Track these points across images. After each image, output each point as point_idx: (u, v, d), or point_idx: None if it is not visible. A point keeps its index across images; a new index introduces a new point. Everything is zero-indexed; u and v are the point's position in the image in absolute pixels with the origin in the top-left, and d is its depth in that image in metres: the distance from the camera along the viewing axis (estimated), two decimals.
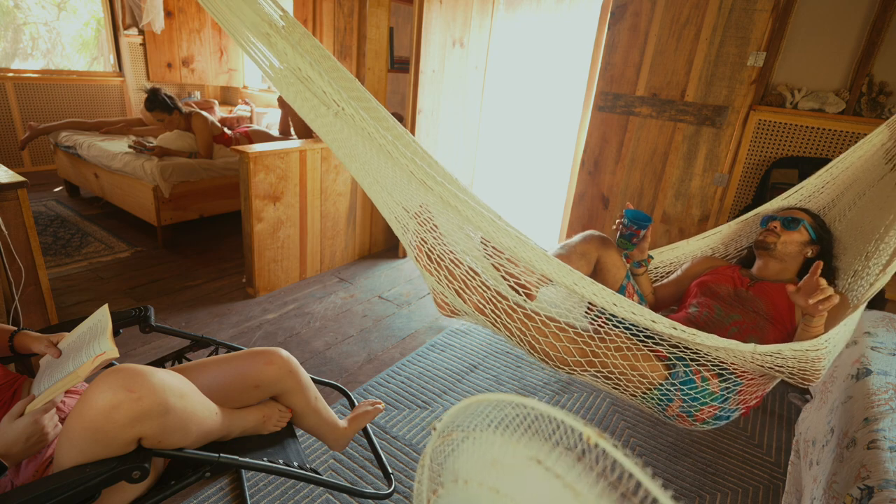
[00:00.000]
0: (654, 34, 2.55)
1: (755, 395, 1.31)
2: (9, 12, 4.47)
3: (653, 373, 1.22)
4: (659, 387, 1.23)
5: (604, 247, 1.55)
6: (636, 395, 1.27)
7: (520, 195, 4.16)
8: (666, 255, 1.80)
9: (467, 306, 1.20)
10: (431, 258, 1.19)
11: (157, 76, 4.77)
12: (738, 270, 1.63)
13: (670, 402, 1.25)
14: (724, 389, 1.24)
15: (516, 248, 1.05)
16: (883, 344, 1.57)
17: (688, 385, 1.23)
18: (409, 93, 3.08)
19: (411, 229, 1.20)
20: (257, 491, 1.52)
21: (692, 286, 1.65)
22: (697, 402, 1.24)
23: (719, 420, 1.29)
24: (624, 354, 1.20)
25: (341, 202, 3.08)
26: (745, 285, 1.56)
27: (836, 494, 1.04)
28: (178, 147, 3.39)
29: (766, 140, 2.39)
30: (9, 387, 1.11)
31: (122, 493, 0.98)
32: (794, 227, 1.55)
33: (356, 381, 2.10)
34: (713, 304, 1.53)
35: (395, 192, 1.16)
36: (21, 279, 1.79)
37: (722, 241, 1.81)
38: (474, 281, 1.17)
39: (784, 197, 1.74)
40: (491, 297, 1.17)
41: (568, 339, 1.19)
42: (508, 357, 2.35)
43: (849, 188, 1.68)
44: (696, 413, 1.25)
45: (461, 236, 1.17)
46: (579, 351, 1.19)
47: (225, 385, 1.20)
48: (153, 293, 2.67)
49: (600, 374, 1.22)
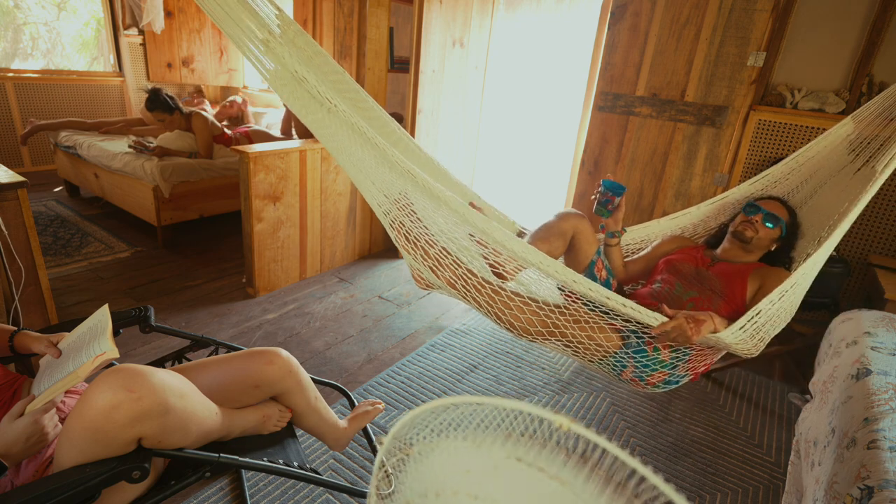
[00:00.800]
0: (654, 34, 2.55)
1: (703, 363, 1.43)
2: (9, 12, 4.47)
3: (608, 343, 1.35)
4: (614, 354, 1.37)
5: (578, 224, 1.66)
6: (593, 361, 1.41)
7: (520, 195, 4.16)
8: (638, 233, 1.91)
9: (440, 281, 1.35)
10: (409, 239, 1.35)
11: (157, 76, 4.77)
12: (703, 250, 1.75)
13: (624, 368, 1.39)
14: (674, 358, 1.37)
15: (487, 229, 1.18)
16: (883, 344, 1.57)
17: (640, 354, 1.36)
18: (409, 93, 3.08)
19: (391, 213, 1.35)
20: (257, 491, 1.52)
21: (660, 263, 1.76)
22: (648, 368, 1.37)
23: (669, 384, 1.42)
24: (581, 326, 1.33)
25: (341, 202, 3.08)
26: (706, 265, 1.68)
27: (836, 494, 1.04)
28: (178, 147, 3.39)
29: (766, 140, 2.39)
30: (9, 387, 1.11)
31: (122, 493, 0.98)
32: (774, 225, 1.65)
33: (356, 381, 2.10)
34: (675, 281, 1.65)
35: (377, 181, 1.30)
36: (21, 279, 1.79)
37: (691, 221, 1.91)
38: (446, 259, 1.33)
39: (752, 182, 1.83)
40: (462, 273, 1.33)
41: (531, 311, 1.33)
42: (508, 357, 2.35)
43: (812, 176, 1.80)
44: (647, 378, 1.39)
45: (437, 220, 1.32)
46: (541, 322, 1.33)
47: (225, 385, 1.20)
48: (153, 293, 2.67)
49: (560, 341, 1.37)
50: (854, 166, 1.70)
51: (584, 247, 1.65)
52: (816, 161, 1.77)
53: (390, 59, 3.30)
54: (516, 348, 2.42)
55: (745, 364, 2.37)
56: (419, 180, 1.17)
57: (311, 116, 1.17)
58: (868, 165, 1.65)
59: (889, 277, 2.06)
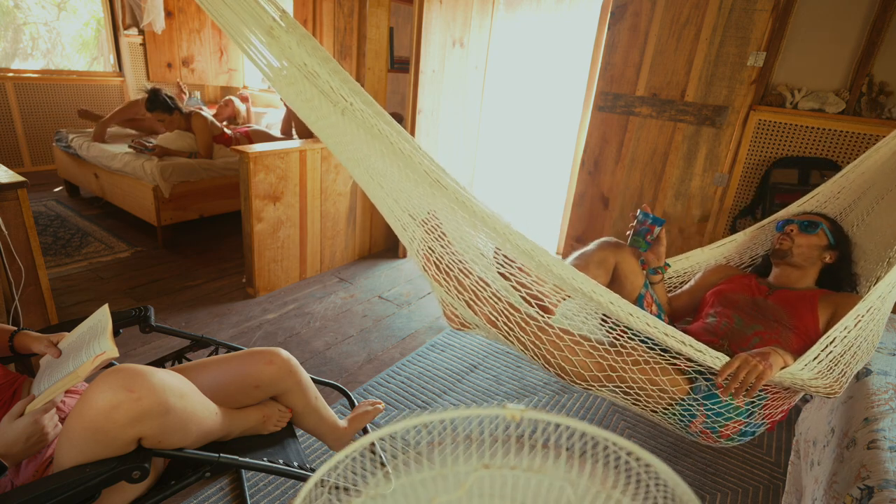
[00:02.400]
0: (654, 34, 2.55)
1: (781, 409, 1.27)
2: (9, 12, 4.47)
3: (673, 387, 1.17)
4: (681, 402, 1.18)
5: (620, 253, 1.50)
6: (657, 411, 1.22)
7: (520, 195, 4.16)
8: (679, 265, 1.76)
9: (478, 318, 1.15)
10: (440, 268, 1.15)
11: (157, 76, 4.77)
12: (755, 279, 1.58)
13: (693, 418, 1.20)
14: (749, 404, 1.20)
15: (531, 252, 1.01)
16: (883, 344, 1.57)
17: (711, 400, 1.17)
18: (409, 93, 3.08)
19: (418, 238, 1.16)
20: (257, 491, 1.52)
21: (707, 296, 1.59)
22: (721, 417, 1.19)
23: (745, 436, 1.24)
24: (642, 368, 1.15)
25: (341, 202, 3.08)
26: (764, 294, 1.50)
27: (836, 494, 1.04)
28: (178, 147, 3.39)
29: (766, 140, 2.39)
30: (9, 387, 1.11)
31: (122, 493, 0.98)
32: (812, 231, 1.50)
33: (356, 381, 2.10)
34: (732, 314, 1.47)
35: (400, 198, 1.12)
36: (21, 279, 1.79)
37: (737, 249, 1.76)
38: (485, 291, 1.13)
39: (799, 203, 1.69)
40: (503, 308, 1.13)
41: (584, 352, 1.14)
42: (508, 357, 2.35)
43: (866, 192, 1.63)
44: (720, 429, 1.20)
45: (471, 244, 1.13)
46: (596, 365, 1.15)
47: (225, 385, 1.20)
48: (153, 293, 2.67)
49: (619, 388, 1.18)
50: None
51: (631, 277, 1.46)
52: (869, 176, 1.60)
53: (390, 59, 3.30)
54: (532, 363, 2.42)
55: None
56: (450, 191, 0.99)
57: (323, 121, 1.03)
58: None
59: None
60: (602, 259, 1.48)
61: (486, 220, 0.99)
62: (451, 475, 0.43)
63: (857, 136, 2.18)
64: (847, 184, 1.63)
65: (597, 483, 0.43)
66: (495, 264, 1.15)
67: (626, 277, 1.47)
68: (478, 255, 1.14)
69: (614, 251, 1.50)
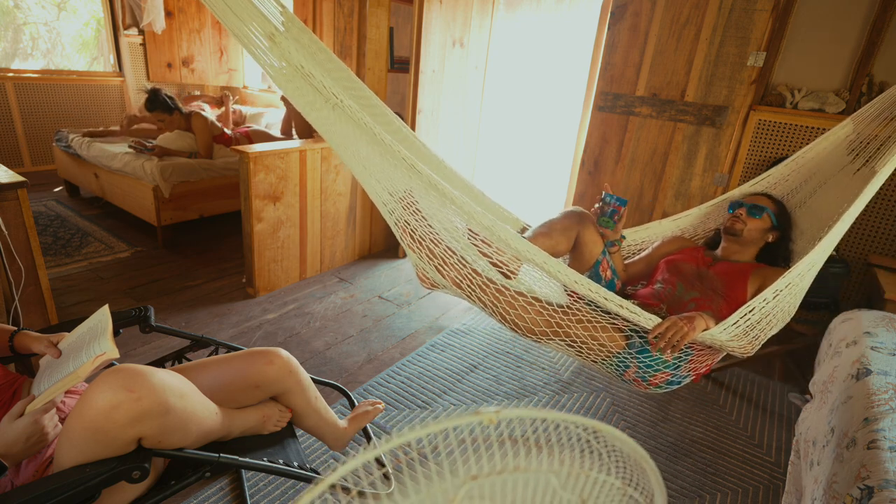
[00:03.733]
0: (654, 34, 2.55)
1: (705, 364, 1.44)
2: (9, 12, 4.48)
3: (611, 343, 1.36)
4: (617, 354, 1.37)
5: (583, 223, 1.66)
6: (597, 361, 1.40)
7: (520, 195, 4.16)
8: (639, 234, 1.91)
9: (445, 280, 1.35)
10: (414, 238, 1.34)
11: (157, 76, 4.77)
12: (703, 251, 1.76)
13: (627, 368, 1.38)
14: (676, 358, 1.37)
15: (491, 228, 1.17)
16: (883, 344, 1.57)
17: (643, 354, 1.36)
18: (409, 93, 3.08)
19: (396, 212, 1.34)
20: (257, 491, 1.52)
21: (661, 263, 1.76)
22: (651, 368, 1.37)
23: (671, 384, 1.42)
24: (585, 326, 1.34)
25: (341, 202, 3.08)
26: (707, 265, 1.68)
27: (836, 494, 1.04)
28: (178, 147, 3.39)
29: (766, 140, 2.39)
30: (9, 387, 1.11)
31: (122, 493, 0.98)
32: (758, 215, 1.66)
33: (356, 381, 2.10)
34: (676, 282, 1.66)
35: (382, 178, 1.29)
36: (21, 279, 1.79)
37: (691, 223, 1.93)
38: (452, 258, 1.33)
39: (752, 183, 1.85)
40: (467, 273, 1.32)
41: (535, 311, 1.33)
42: (508, 357, 2.35)
43: (812, 177, 1.80)
44: (650, 378, 1.39)
45: (442, 219, 1.31)
46: (545, 322, 1.33)
47: (225, 385, 1.20)
48: (153, 293, 2.67)
49: (563, 342, 1.36)
50: (853, 167, 1.71)
51: (590, 246, 1.65)
52: (816, 162, 1.78)
53: (390, 59, 3.30)
54: (516, 348, 2.42)
55: (745, 364, 2.37)
56: (423, 176, 1.17)
57: (316, 114, 1.17)
58: (868, 166, 1.66)
59: (889, 277, 2.06)
60: (566, 227, 1.66)
61: (454, 199, 1.17)
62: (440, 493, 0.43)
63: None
64: (796, 167, 1.80)
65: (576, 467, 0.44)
66: (467, 234, 1.35)
67: (585, 245, 1.66)
68: (450, 227, 1.32)
69: (578, 221, 1.67)
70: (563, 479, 0.44)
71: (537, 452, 0.43)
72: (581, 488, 0.44)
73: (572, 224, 1.66)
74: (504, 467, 0.42)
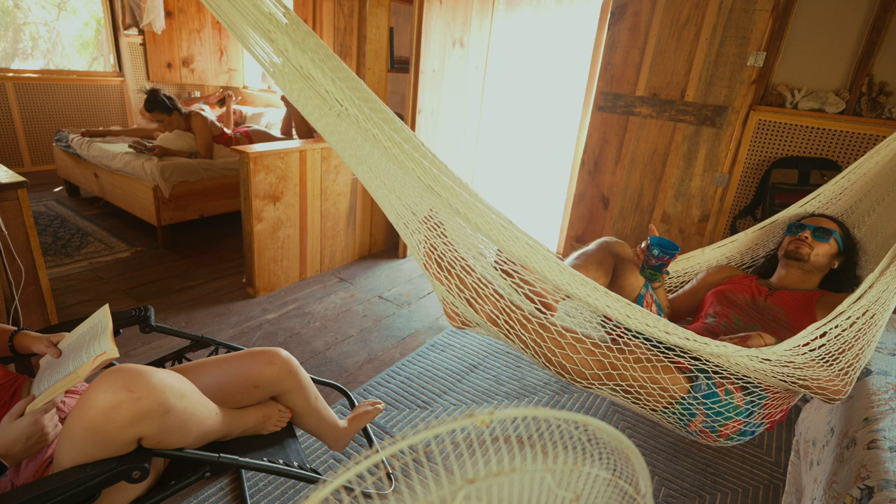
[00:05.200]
0: (654, 34, 2.55)
1: (780, 409, 1.28)
2: (9, 12, 4.48)
3: (674, 385, 1.17)
4: (681, 401, 1.18)
5: (621, 253, 1.50)
6: (657, 410, 1.22)
7: (520, 195, 4.16)
8: (680, 265, 1.76)
9: (479, 317, 1.14)
10: (441, 266, 1.14)
11: (157, 76, 4.77)
12: (756, 280, 1.59)
13: (693, 417, 1.20)
14: (749, 403, 1.21)
15: (528, 256, 1.00)
16: (883, 344, 1.57)
17: (711, 399, 1.18)
18: (409, 93, 3.08)
19: (421, 235, 1.15)
20: (257, 491, 1.52)
21: (708, 296, 1.59)
22: (721, 416, 1.19)
23: (744, 435, 1.25)
24: (643, 366, 1.14)
25: (341, 202, 3.08)
26: (764, 294, 1.51)
27: (836, 494, 1.04)
28: (178, 147, 3.39)
29: (766, 140, 2.39)
30: (9, 387, 1.11)
31: (122, 493, 0.98)
32: (826, 239, 1.50)
33: (356, 381, 2.10)
34: (731, 314, 1.47)
35: (403, 195, 1.11)
36: (21, 279, 1.79)
37: (738, 249, 1.76)
38: (486, 290, 1.12)
39: (801, 203, 1.69)
40: (504, 306, 1.12)
41: (585, 350, 1.14)
42: (508, 357, 2.35)
43: (867, 193, 1.64)
44: (720, 428, 1.21)
45: (473, 242, 1.12)
46: (597, 363, 1.14)
47: (225, 385, 1.20)
48: (153, 293, 2.67)
49: (619, 387, 1.17)
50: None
51: (630, 279, 1.46)
52: (870, 178, 1.61)
53: (390, 59, 3.29)
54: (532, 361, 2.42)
55: None
56: (445, 196, 0.99)
57: (323, 120, 1.05)
58: None
59: None
60: (601, 259, 1.47)
61: (479, 227, 0.98)
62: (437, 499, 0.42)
63: (857, 137, 2.18)
64: (849, 185, 1.63)
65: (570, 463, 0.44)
66: (497, 262, 1.15)
67: (625, 278, 1.46)
68: (478, 254, 1.13)
69: (615, 250, 1.50)
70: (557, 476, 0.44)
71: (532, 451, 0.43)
72: (574, 484, 0.45)
73: (607, 256, 1.48)
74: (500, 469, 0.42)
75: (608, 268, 1.48)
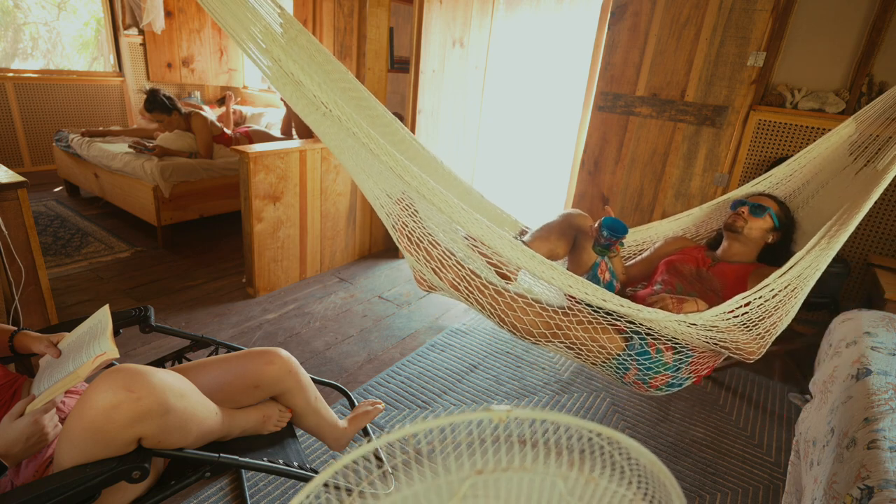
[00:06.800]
0: (654, 34, 2.55)
1: (706, 366, 1.44)
2: (9, 12, 4.48)
3: (611, 344, 1.34)
4: (617, 356, 1.35)
5: (582, 224, 1.65)
6: (596, 364, 1.39)
7: (520, 195, 4.16)
8: (639, 235, 1.89)
9: (443, 283, 1.33)
10: (411, 240, 1.31)
11: (157, 76, 4.77)
12: (704, 251, 1.74)
13: (627, 371, 1.38)
14: (677, 360, 1.37)
15: (484, 235, 1.16)
16: (883, 344, 1.57)
17: (643, 356, 1.35)
18: (409, 93, 3.08)
19: (393, 214, 1.32)
20: (257, 491, 1.52)
21: (660, 264, 1.75)
22: (651, 370, 1.36)
23: (672, 387, 1.42)
24: (585, 327, 1.31)
25: (341, 202, 3.08)
26: (706, 265, 1.67)
27: (836, 494, 1.04)
28: (178, 147, 3.39)
29: (766, 140, 2.39)
30: (9, 387, 1.11)
31: (122, 493, 0.98)
32: (760, 215, 1.65)
33: (356, 381, 2.10)
34: (675, 282, 1.64)
35: (379, 180, 1.28)
36: (21, 279, 1.79)
37: (693, 222, 1.90)
38: (449, 261, 1.31)
39: (754, 183, 1.83)
40: (465, 275, 1.31)
41: (534, 312, 1.31)
42: (508, 357, 2.35)
43: (814, 177, 1.79)
44: (650, 381, 1.38)
45: (440, 221, 1.30)
46: (544, 324, 1.31)
47: (225, 385, 1.20)
48: (153, 293, 2.67)
49: (563, 344, 1.35)
50: (855, 167, 1.70)
51: (588, 250, 1.64)
52: (818, 162, 1.77)
53: (390, 59, 3.30)
54: (516, 348, 2.42)
55: (744, 364, 2.37)
56: (413, 184, 1.16)
57: (311, 117, 1.19)
58: (870, 166, 1.65)
59: (889, 277, 2.06)
60: (563, 230, 1.65)
61: (441, 209, 1.15)
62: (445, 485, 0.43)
63: None
64: (798, 168, 1.78)
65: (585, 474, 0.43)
66: (466, 239, 1.32)
67: (583, 249, 1.65)
68: (447, 230, 1.31)
69: (576, 221, 1.66)
70: (570, 484, 0.43)
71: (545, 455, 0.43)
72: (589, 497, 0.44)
73: (570, 227, 1.65)
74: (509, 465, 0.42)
75: (569, 238, 1.66)
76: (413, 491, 0.43)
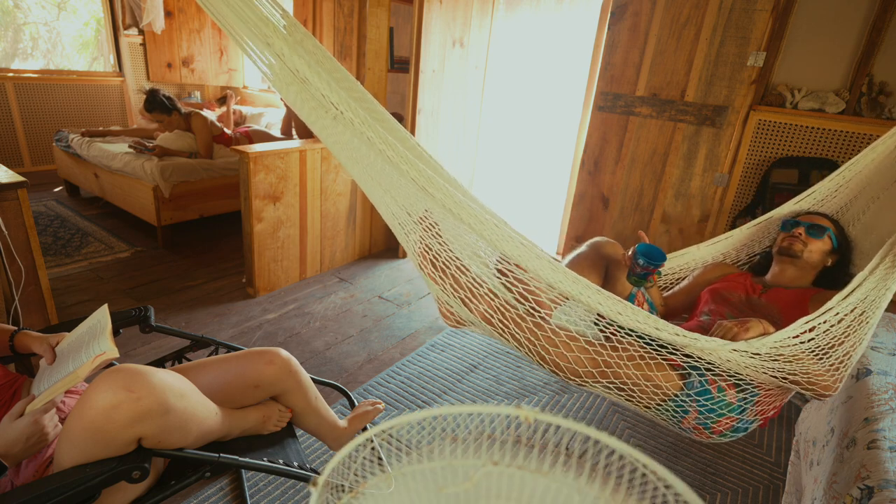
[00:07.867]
0: (654, 34, 2.55)
1: (773, 406, 1.27)
2: (9, 12, 4.47)
3: (667, 383, 1.17)
4: (674, 398, 1.19)
5: (614, 253, 1.51)
6: (650, 407, 1.22)
7: (520, 195, 4.16)
8: (675, 262, 1.74)
9: (474, 316, 1.15)
10: (436, 266, 1.14)
11: (157, 76, 4.77)
12: (751, 277, 1.59)
13: (686, 414, 1.20)
14: (742, 400, 1.20)
15: (521, 255, 1.02)
16: (883, 344, 1.57)
17: (703, 396, 1.18)
18: (409, 93, 3.08)
19: (416, 235, 1.16)
20: (257, 491, 1.52)
21: (703, 293, 1.59)
22: (714, 413, 1.19)
23: (737, 432, 1.25)
24: (637, 364, 1.15)
25: (341, 202, 3.08)
26: (758, 292, 1.51)
27: (836, 494, 1.04)
28: (178, 147, 3.39)
29: (766, 140, 2.39)
30: (9, 387, 1.11)
31: (122, 493, 0.98)
32: (820, 236, 1.50)
33: (356, 381, 2.10)
34: (724, 311, 1.47)
35: (398, 195, 1.12)
36: (21, 279, 1.79)
37: (733, 246, 1.75)
38: (481, 289, 1.13)
39: (796, 201, 1.68)
40: (499, 305, 1.13)
41: (579, 348, 1.14)
42: (508, 357, 2.35)
43: (862, 191, 1.63)
44: (712, 425, 1.21)
45: (467, 242, 1.13)
46: (591, 361, 1.15)
47: (225, 385, 1.20)
48: (153, 293, 2.67)
49: (613, 384, 1.18)
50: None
51: (622, 279, 1.48)
52: (865, 175, 1.60)
53: (390, 59, 3.29)
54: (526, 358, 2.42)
55: None
56: (439, 197, 1.01)
57: (319, 122, 1.06)
58: None
59: None
60: (594, 261, 1.50)
61: (472, 227, 1.00)
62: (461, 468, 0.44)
63: (857, 137, 2.18)
64: (844, 182, 1.63)
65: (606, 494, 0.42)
66: (494, 261, 1.16)
67: (616, 279, 1.48)
68: (473, 253, 1.14)
69: (607, 251, 1.52)
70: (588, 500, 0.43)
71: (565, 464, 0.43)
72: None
73: (599, 257, 1.51)
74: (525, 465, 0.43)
75: (600, 269, 1.50)
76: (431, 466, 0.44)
